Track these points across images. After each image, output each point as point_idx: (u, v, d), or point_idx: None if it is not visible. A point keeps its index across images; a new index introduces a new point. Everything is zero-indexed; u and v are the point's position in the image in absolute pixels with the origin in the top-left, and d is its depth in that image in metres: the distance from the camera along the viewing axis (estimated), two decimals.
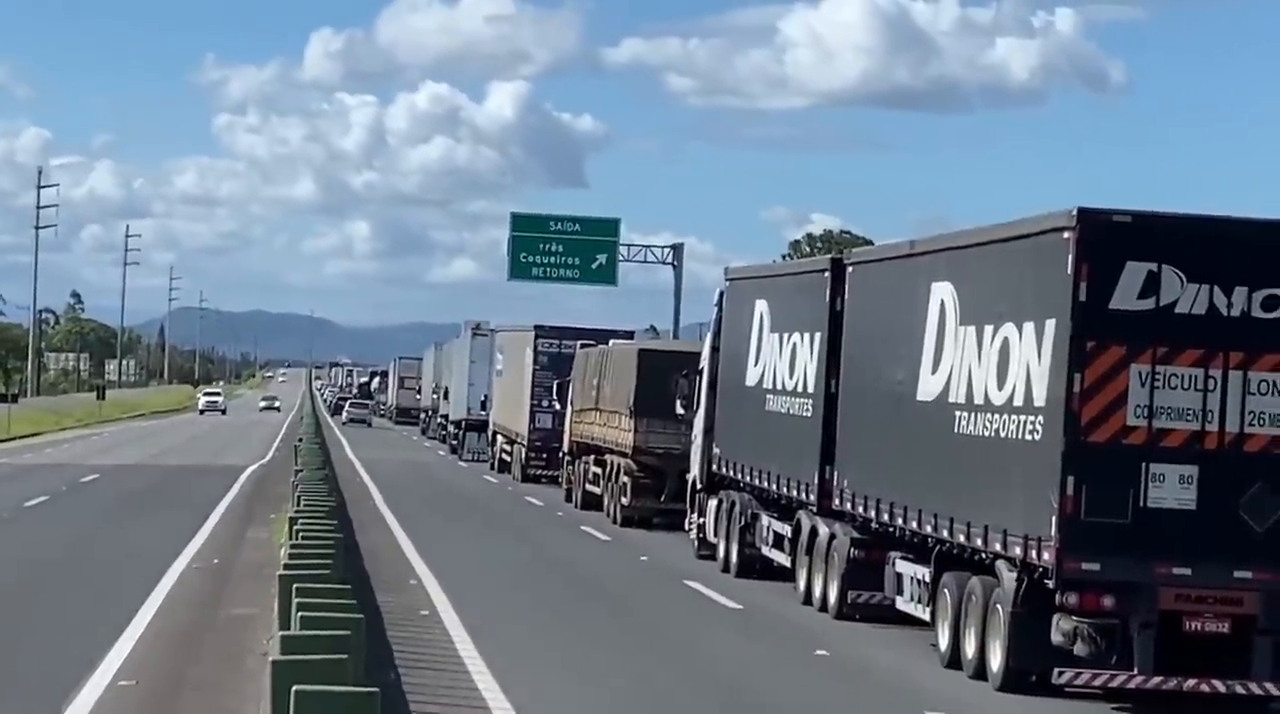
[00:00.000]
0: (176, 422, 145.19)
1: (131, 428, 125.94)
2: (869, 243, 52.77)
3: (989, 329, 24.35)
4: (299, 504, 27.59)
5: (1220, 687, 21.80)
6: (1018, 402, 23.27)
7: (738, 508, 35.98)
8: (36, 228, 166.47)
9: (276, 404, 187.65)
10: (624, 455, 48.35)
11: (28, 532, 41.57)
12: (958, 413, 25.17)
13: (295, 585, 14.43)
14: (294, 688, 9.92)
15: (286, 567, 17.16)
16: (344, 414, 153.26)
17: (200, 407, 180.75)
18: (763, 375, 35.05)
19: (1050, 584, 21.95)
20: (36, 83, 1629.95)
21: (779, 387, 33.85)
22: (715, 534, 37.69)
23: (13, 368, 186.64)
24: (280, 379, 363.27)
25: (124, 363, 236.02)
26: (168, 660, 22.75)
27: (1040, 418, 22.49)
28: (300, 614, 12.86)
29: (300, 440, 55.24)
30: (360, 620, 12.94)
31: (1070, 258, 21.90)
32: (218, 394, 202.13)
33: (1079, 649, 21.91)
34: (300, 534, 21.11)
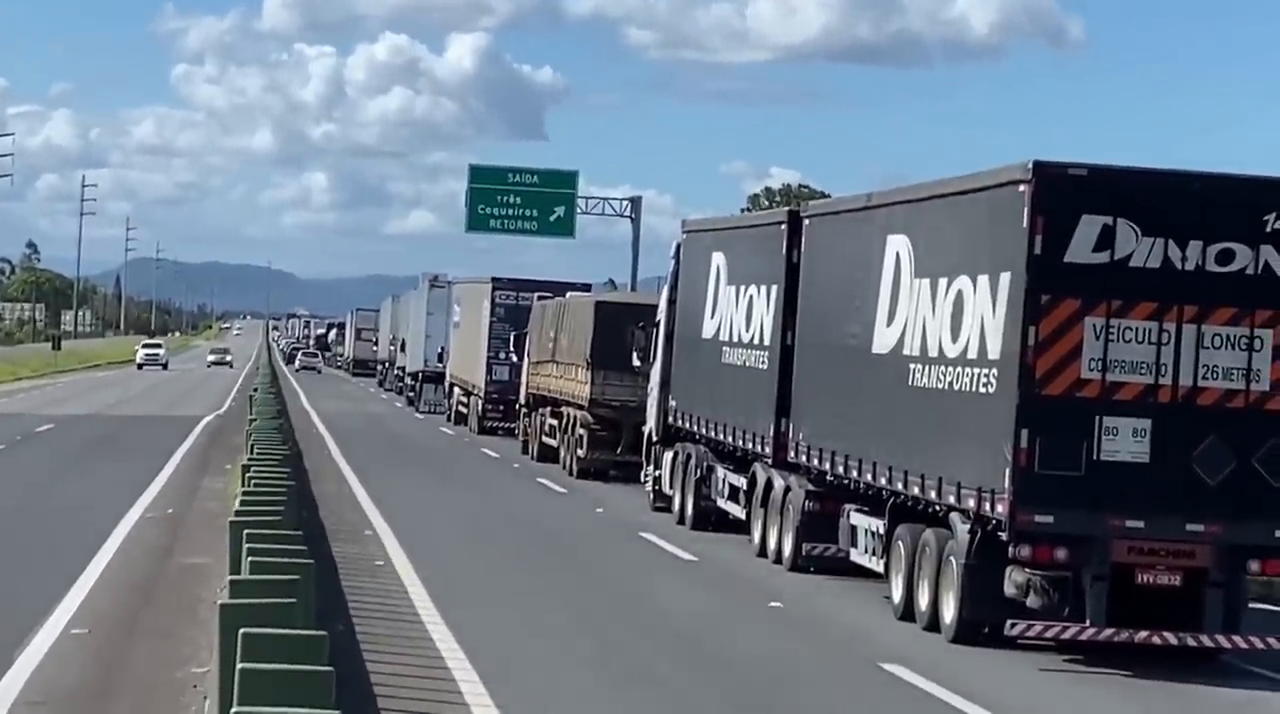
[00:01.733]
0: (132, 372, 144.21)
1: (87, 378, 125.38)
2: (827, 197, 52.83)
3: (944, 282, 24.38)
4: (252, 452, 27.48)
5: (1172, 639, 21.92)
6: (972, 355, 23.31)
7: (693, 460, 36.05)
8: None
9: (228, 358, 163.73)
10: (580, 407, 48.33)
11: None
12: (912, 366, 25.20)
13: (246, 531, 14.40)
14: (242, 630, 9.91)
15: (237, 513, 17.11)
16: (296, 362, 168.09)
17: (138, 360, 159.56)
18: (719, 328, 35.06)
19: (1003, 536, 22.04)
20: None
21: (735, 339, 33.89)
22: (671, 486, 37.81)
23: None
24: (235, 331, 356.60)
25: (80, 313, 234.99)
26: (121, 609, 22.74)
27: (994, 371, 22.54)
28: (250, 560, 12.87)
29: (255, 390, 55.05)
30: (310, 566, 12.96)
31: (1026, 211, 21.92)
32: (158, 346, 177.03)
33: (1031, 601, 22.02)
34: (252, 481, 21.03)
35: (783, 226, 31.77)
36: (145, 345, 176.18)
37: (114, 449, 52.84)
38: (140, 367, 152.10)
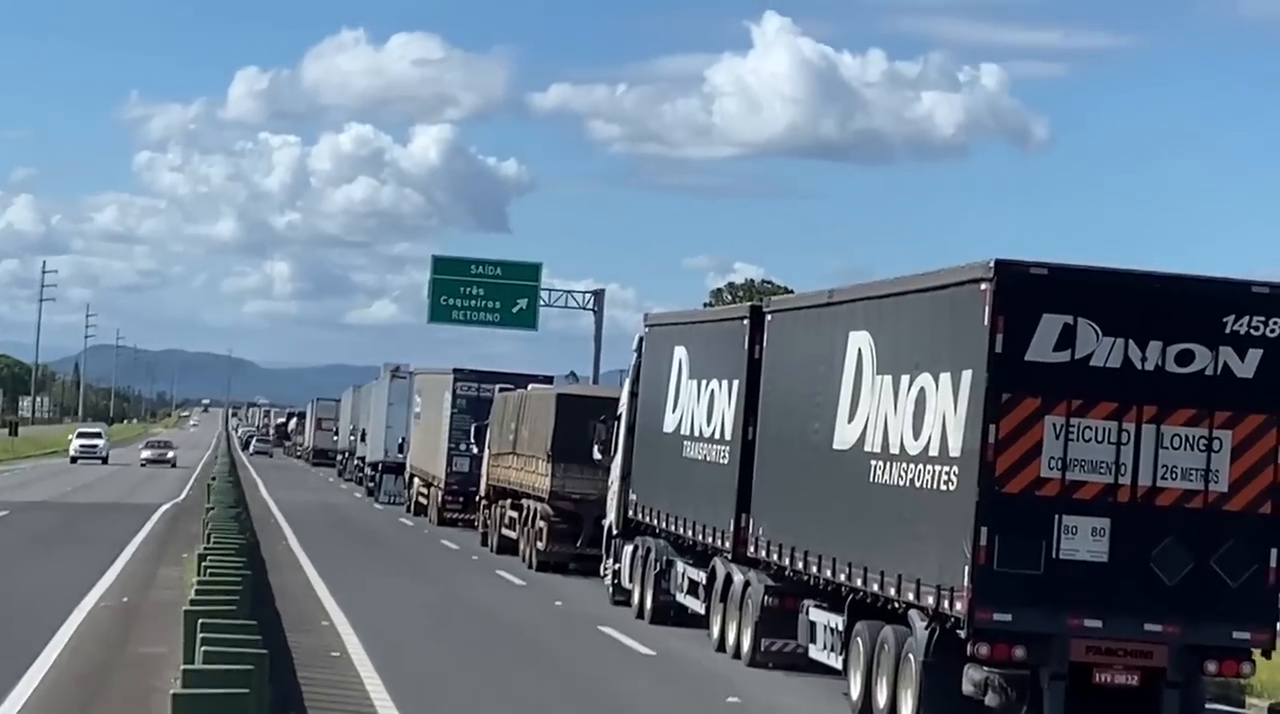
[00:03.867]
0: None
1: (44, 465, 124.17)
2: (790, 292, 53.06)
3: (905, 379, 24.45)
4: (209, 541, 27.39)
5: None
6: (933, 451, 23.36)
7: (653, 554, 36.03)
8: None
9: (169, 455, 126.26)
10: (541, 500, 48.30)
11: None
12: (873, 462, 25.22)
13: (200, 621, 14.28)
14: None
15: (192, 602, 17.04)
16: (250, 447, 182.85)
17: (71, 452, 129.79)
18: (680, 421, 35.11)
19: (962, 634, 22.01)
20: None
21: (697, 433, 33.90)
22: (630, 580, 37.76)
23: None
24: (192, 424, 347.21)
25: (38, 400, 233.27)
26: (73, 699, 22.61)
27: (955, 468, 22.58)
28: (204, 649, 12.78)
29: (213, 479, 54.93)
30: (264, 656, 12.86)
31: (987, 309, 22.01)
32: (97, 435, 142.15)
33: (990, 700, 22.02)
34: (208, 570, 20.96)
35: (745, 322, 31.90)
36: (80, 434, 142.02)
37: (70, 536, 52.41)
38: (74, 460, 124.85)
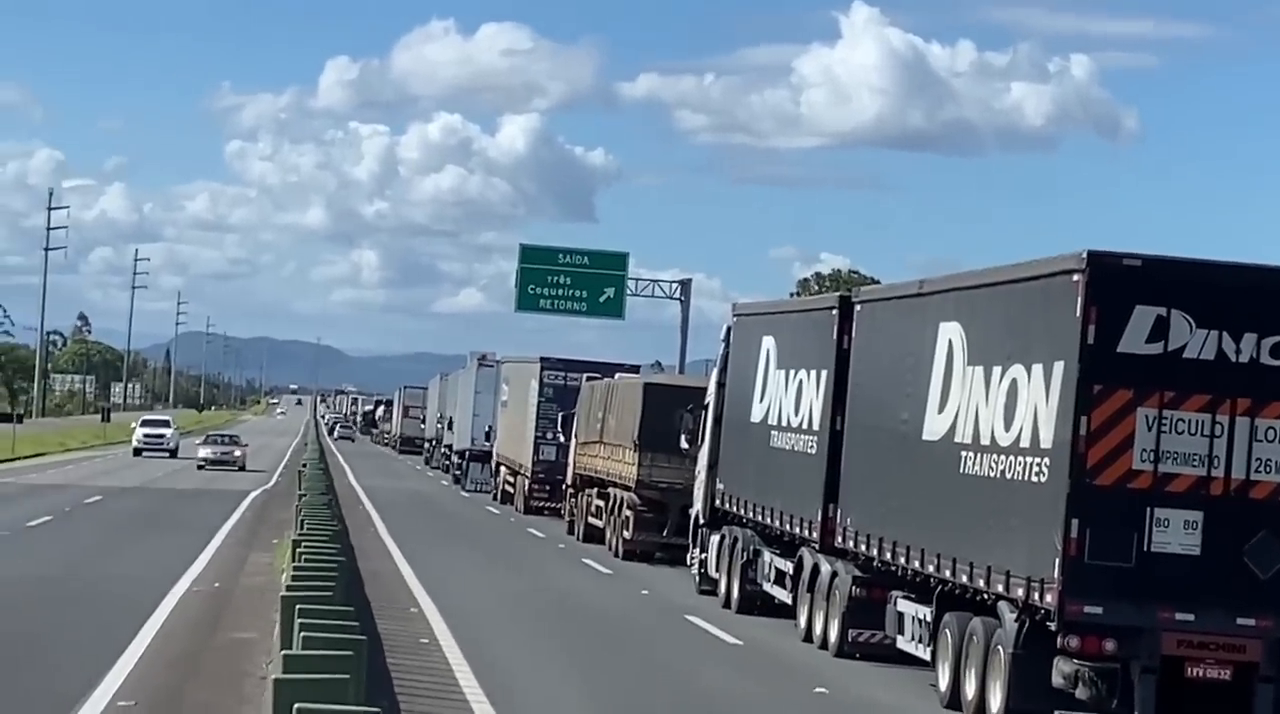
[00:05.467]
0: None
1: None
2: (877, 282, 52.91)
3: (997, 370, 24.37)
4: (302, 528, 27.45)
5: None
6: (1024, 443, 23.26)
7: (740, 544, 35.92)
8: (46, 249, 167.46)
9: (237, 454, 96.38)
10: (627, 489, 48.43)
11: (30, 551, 41.61)
12: (963, 453, 25.18)
13: (298, 606, 14.36)
14: (296, 706, 9.85)
15: (289, 588, 17.04)
16: (335, 433, 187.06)
17: (135, 443, 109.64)
18: (768, 412, 35.07)
19: (1052, 626, 21.95)
20: (51, 105, 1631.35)
21: (784, 423, 33.87)
22: (717, 569, 37.65)
23: (19, 388, 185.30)
24: (279, 412, 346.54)
25: (129, 386, 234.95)
26: (167, 682, 22.59)
27: (1046, 460, 22.49)
28: (302, 634, 12.76)
29: (304, 466, 55.13)
30: (362, 642, 12.87)
31: (1080, 300, 21.91)
32: (164, 424, 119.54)
33: (1080, 692, 21.89)
34: (303, 557, 20.97)
35: (834, 312, 31.81)
36: (145, 422, 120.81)
37: (161, 522, 52.76)
38: (138, 452, 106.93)
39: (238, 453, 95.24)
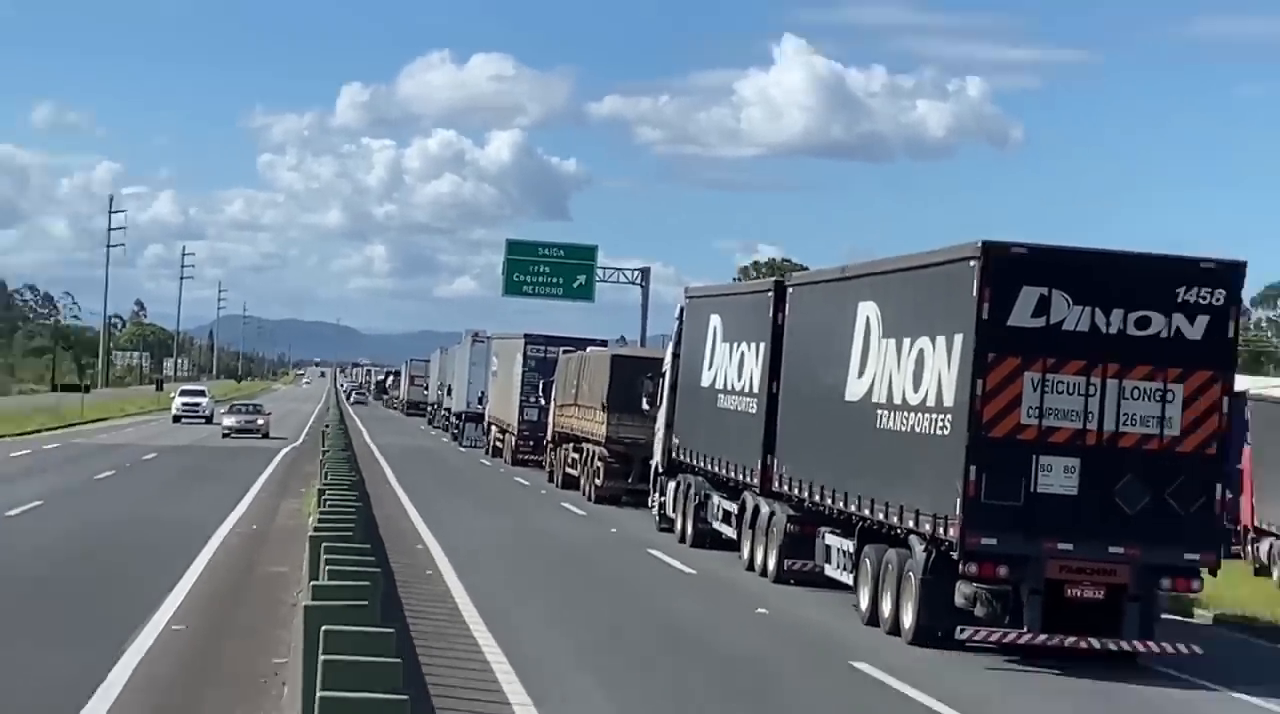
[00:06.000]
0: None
1: None
2: (806, 269, 52.53)
3: (907, 341, 24.44)
4: (326, 478, 27.40)
5: (1096, 644, 22.02)
6: (930, 403, 23.39)
7: (693, 489, 35.98)
8: (108, 247, 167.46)
9: (260, 422, 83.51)
10: (598, 444, 48.30)
11: (97, 500, 41.48)
12: (879, 411, 25.24)
13: (323, 545, 14.34)
14: (323, 628, 9.90)
15: (316, 530, 17.01)
16: (350, 398, 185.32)
17: (174, 412, 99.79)
18: (715, 378, 35.09)
19: (954, 556, 22.12)
20: (112, 124, 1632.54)
21: (729, 387, 33.89)
22: (674, 511, 37.74)
23: (86, 364, 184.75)
24: (305, 382, 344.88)
25: (178, 361, 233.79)
26: (213, 608, 22.74)
27: (949, 417, 22.62)
28: (328, 568, 12.74)
29: (327, 427, 54.98)
30: (379, 574, 12.87)
31: (975, 282, 21.99)
32: (200, 393, 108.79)
33: (978, 611, 22.15)
34: (327, 503, 20.91)
35: (770, 294, 31.80)
36: (183, 391, 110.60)
37: (207, 475, 52.64)
38: (177, 419, 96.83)
39: (260, 421, 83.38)
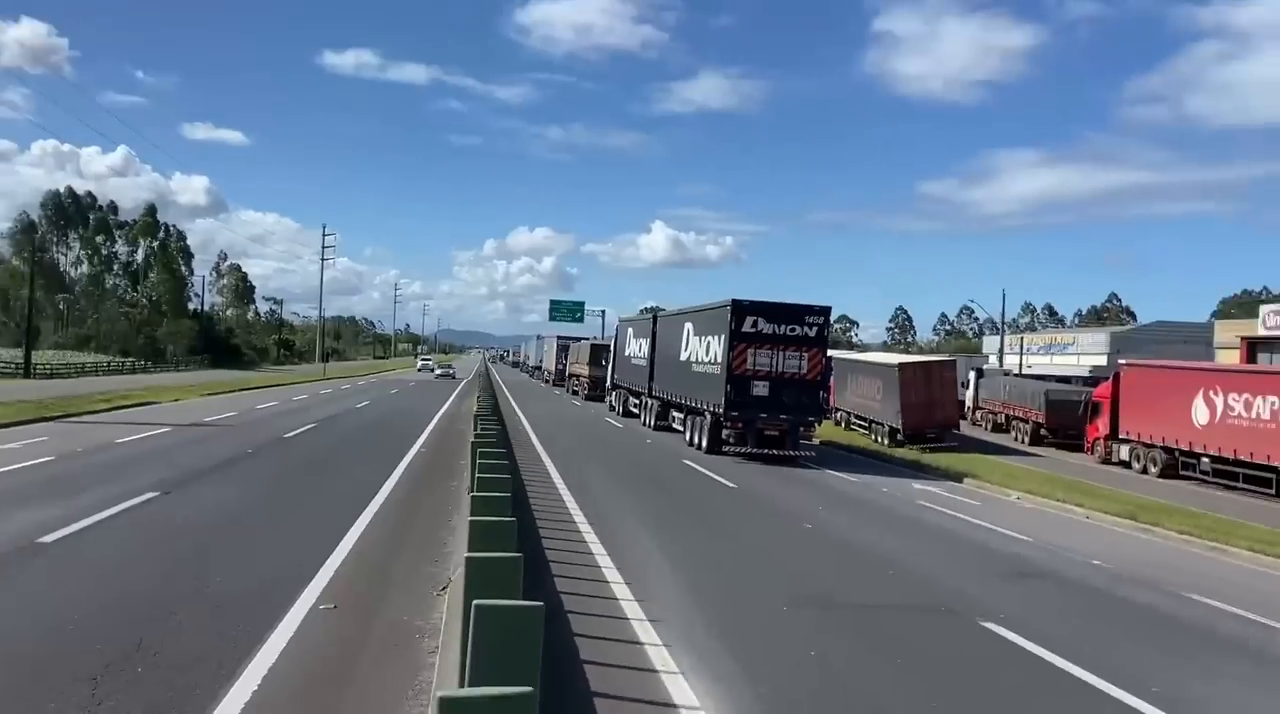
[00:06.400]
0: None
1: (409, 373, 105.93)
2: (665, 309, 51.34)
3: (704, 338, 23.93)
4: (479, 408, 20.90)
5: (777, 451, 21.55)
6: (712, 361, 22.84)
7: (620, 394, 34.67)
8: (320, 285, 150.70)
9: (453, 371, 75.36)
10: (582, 376, 47.46)
11: (397, 400, 37.78)
12: (693, 364, 24.64)
13: (480, 450, 10.14)
14: (471, 495, 7.48)
15: (473, 444, 11.88)
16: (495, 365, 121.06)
17: (417, 367, 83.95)
18: (630, 353, 33.99)
19: (722, 419, 21.67)
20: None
21: (635, 356, 32.92)
22: (614, 403, 35.67)
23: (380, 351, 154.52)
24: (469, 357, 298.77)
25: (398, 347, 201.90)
26: (439, 443, 21.01)
27: (720, 366, 22.11)
28: (480, 462, 9.17)
29: (479, 376, 53.01)
30: (509, 475, 8.70)
31: (729, 315, 21.69)
32: (430, 358, 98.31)
33: (732, 439, 21.83)
34: (480, 426, 14.84)
35: (651, 318, 30.96)
36: (420, 357, 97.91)
37: (434, 390, 47.73)
38: (419, 370, 79.10)
39: (452, 371, 72.58)
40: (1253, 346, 33.39)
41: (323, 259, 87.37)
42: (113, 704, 5.23)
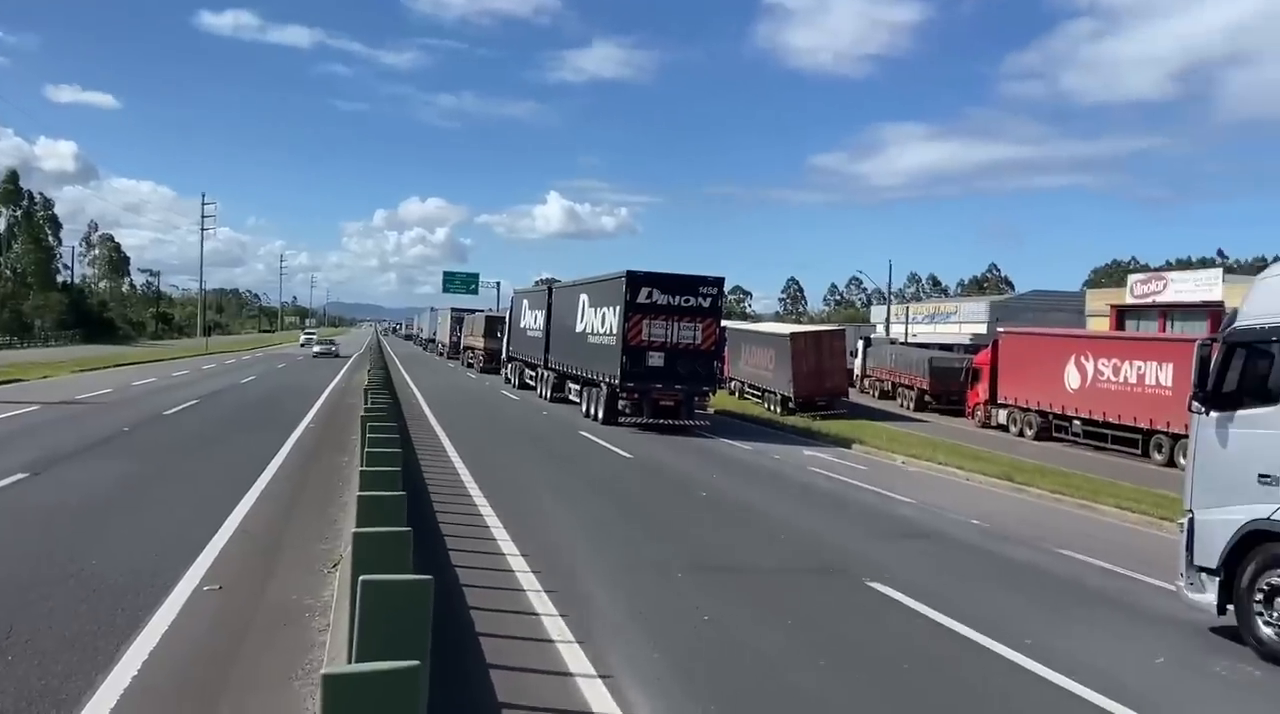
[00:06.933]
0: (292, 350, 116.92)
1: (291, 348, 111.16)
2: (559, 280, 51.54)
3: (599, 309, 23.90)
4: (370, 380, 22.21)
5: (674, 421, 21.75)
6: (607, 332, 22.88)
7: (516, 366, 34.38)
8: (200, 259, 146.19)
9: (334, 348, 62.13)
10: (478, 349, 47.03)
11: (254, 384, 37.20)
12: (589, 336, 24.64)
13: (370, 424, 9.93)
14: (369, 426, 8.84)
15: (365, 413, 11.96)
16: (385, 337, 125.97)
17: (300, 342, 77.28)
18: (526, 324, 33.69)
19: (618, 390, 21.74)
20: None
21: (530, 328, 32.67)
22: (510, 375, 35.42)
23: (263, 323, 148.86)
24: (356, 330, 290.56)
25: (283, 320, 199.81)
26: (329, 416, 20.74)
27: (615, 337, 22.16)
28: (369, 436, 9.01)
29: (368, 350, 51.83)
30: (399, 449, 8.41)
31: (624, 285, 21.71)
32: (314, 333, 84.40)
33: (628, 410, 21.91)
34: (372, 397, 15.26)
35: (546, 290, 30.72)
36: (305, 331, 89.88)
37: (318, 366, 46.95)
38: (303, 345, 72.90)
39: (334, 347, 62.17)
40: (1121, 314, 34.97)
41: (202, 229, 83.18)
42: None
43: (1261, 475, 6.78)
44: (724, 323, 26.42)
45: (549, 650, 6.09)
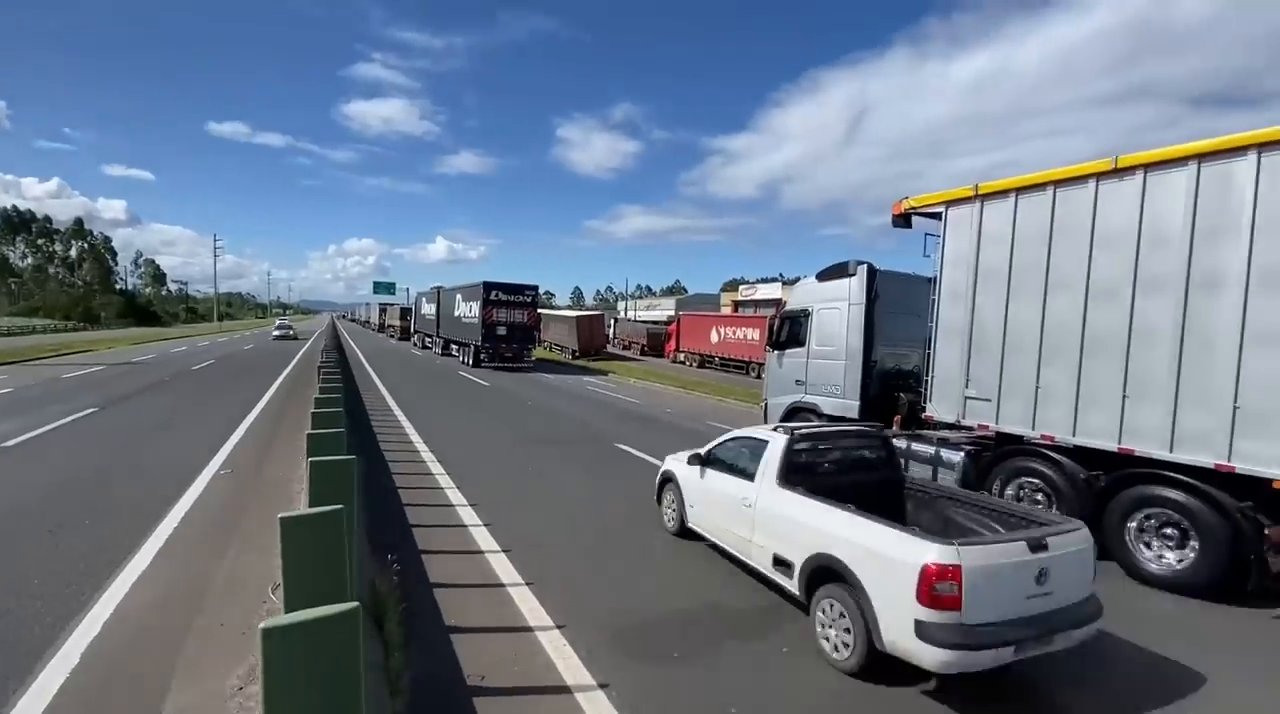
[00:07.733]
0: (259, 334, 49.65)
1: (253, 334, 79.12)
2: (445, 286, 43.98)
3: (469, 303, 21.50)
4: (324, 358, 14.05)
5: (513, 365, 19.95)
6: (473, 316, 20.74)
7: (421, 337, 30.27)
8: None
9: (293, 332, 35.40)
10: (400, 330, 42.18)
11: (251, 352, 29.72)
12: (463, 319, 22.03)
13: (319, 409, 6.27)
14: (313, 411, 6.10)
15: (321, 363, 10.80)
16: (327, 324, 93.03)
17: (272, 328, 43.35)
18: (427, 312, 28.82)
19: (480, 349, 19.46)
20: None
21: (429, 314, 28.08)
22: (416, 343, 31.11)
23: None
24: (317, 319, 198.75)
25: (256, 312, 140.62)
26: (298, 376, 16.63)
27: (477, 319, 19.97)
28: (321, 382, 8.27)
29: (323, 335, 45.42)
30: (343, 412, 6.67)
31: (483, 290, 19.65)
32: (286, 319, 43.73)
33: (486, 359, 19.80)
34: (323, 373, 10.06)
35: (437, 291, 26.41)
36: (278, 317, 77.40)
37: (287, 347, 36.90)
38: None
39: (292, 332, 45.10)
40: (738, 305, 44.25)
41: (215, 256, 74.46)
42: (70, 543, 5.52)
43: (797, 380, 8.64)
44: (539, 310, 23.86)
45: (440, 493, 7.17)
